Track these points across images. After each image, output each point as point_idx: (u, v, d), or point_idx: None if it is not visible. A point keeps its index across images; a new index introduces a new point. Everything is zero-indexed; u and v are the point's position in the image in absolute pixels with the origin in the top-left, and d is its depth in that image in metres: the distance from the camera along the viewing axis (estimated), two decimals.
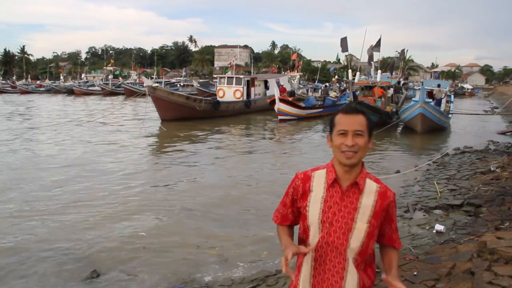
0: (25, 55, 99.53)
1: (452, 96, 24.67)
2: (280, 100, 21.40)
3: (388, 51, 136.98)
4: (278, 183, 8.72)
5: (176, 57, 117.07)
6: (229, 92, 26.05)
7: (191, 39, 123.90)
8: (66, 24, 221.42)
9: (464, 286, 3.39)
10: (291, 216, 1.89)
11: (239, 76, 28.15)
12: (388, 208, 1.77)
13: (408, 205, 6.79)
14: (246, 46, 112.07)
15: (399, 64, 35.40)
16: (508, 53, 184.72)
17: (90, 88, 56.40)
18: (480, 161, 10.26)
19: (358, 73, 26.39)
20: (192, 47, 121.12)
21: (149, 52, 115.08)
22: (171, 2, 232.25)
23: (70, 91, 54.63)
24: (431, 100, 18.30)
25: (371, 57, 23.32)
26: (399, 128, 19.06)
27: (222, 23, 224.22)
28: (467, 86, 71.44)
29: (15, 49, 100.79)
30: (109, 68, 79.17)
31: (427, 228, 5.63)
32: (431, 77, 74.67)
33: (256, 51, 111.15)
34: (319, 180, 1.80)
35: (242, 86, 26.05)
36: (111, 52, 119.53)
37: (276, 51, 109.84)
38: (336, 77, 54.67)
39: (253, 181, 9.20)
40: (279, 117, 21.41)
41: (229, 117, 23.45)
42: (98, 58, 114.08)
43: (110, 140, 14.96)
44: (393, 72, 27.57)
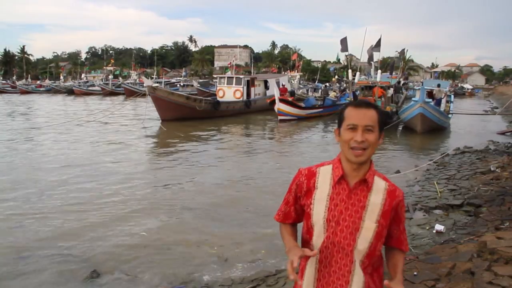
0: (25, 55, 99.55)
1: (452, 96, 24.67)
2: (280, 100, 21.40)
3: (388, 51, 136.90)
4: (278, 183, 8.73)
5: (176, 57, 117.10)
6: (229, 92, 26.05)
7: (191, 39, 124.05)
8: (66, 24, 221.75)
9: (464, 286, 3.39)
10: (294, 214, 1.80)
11: (239, 76, 28.15)
12: (397, 208, 1.69)
13: (408, 205, 6.78)
14: (246, 46, 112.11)
15: (399, 64, 35.36)
16: (508, 53, 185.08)
17: (90, 88, 56.36)
18: (480, 161, 10.26)
19: (358, 73, 26.41)
20: (192, 47, 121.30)
21: (149, 52, 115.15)
22: (171, 2, 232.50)
23: (70, 91, 54.63)
24: (431, 100, 18.30)
25: (371, 57, 23.34)
26: (399, 128, 19.06)
27: (222, 23, 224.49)
28: (467, 86, 71.45)
29: (15, 49, 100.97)
30: (109, 68, 79.16)
31: (427, 228, 5.63)
32: (431, 77, 74.66)
33: (256, 51, 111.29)
34: (325, 176, 1.70)
35: (242, 86, 26.06)
36: (111, 52, 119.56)
37: (276, 51, 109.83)
38: (336, 77, 54.77)
39: (253, 181, 9.20)
40: (279, 117, 21.41)
41: (229, 117, 23.45)
42: (98, 58, 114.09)
43: (110, 140, 14.95)
44: (393, 72, 27.55)
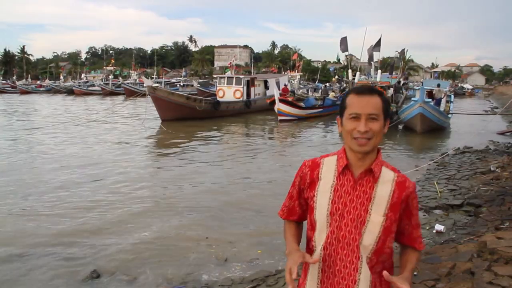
0: (25, 55, 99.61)
1: (452, 96, 24.66)
2: (280, 100, 21.41)
3: (388, 51, 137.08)
4: (278, 182, 8.74)
5: (176, 57, 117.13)
6: (229, 92, 26.06)
7: (191, 39, 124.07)
8: (66, 24, 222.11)
9: (464, 286, 3.39)
10: (299, 209, 1.69)
11: (239, 76, 28.15)
12: (407, 200, 1.55)
13: None
14: (246, 46, 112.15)
15: (399, 64, 35.36)
16: (508, 53, 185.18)
17: (90, 88, 56.38)
18: (480, 161, 10.26)
19: (358, 73, 26.43)
20: (192, 47, 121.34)
21: (149, 52, 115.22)
22: (171, 2, 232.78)
23: (70, 91, 54.66)
24: (431, 100, 18.30)
25: (371, 57, 23.39)
26: (399, 128, 19.06)
27: (222, 23, 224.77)
28: (467, 86, 71.48)
29: (15, 49, 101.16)
30: (109, 68, 79.17)
31: (427, 228, 5.63)
32: (431, 77, 74.67)
33: (256, 51, 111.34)
34: (329, 167, 1.60)
35: (242, 86, 26.06)
36: (111, 52, 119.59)
37: (276, 51, 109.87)
38: (336, 77, 54.74)
39: (253, 181, 9.20)
40: (279, 118, 21.42)
41: (229, 117, 23.46)
42: (98, 58, 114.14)
43: (110, 140, 14.95)
44: (393, 72, 27.58)
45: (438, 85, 23.19)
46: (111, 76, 66.47)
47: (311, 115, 23.13)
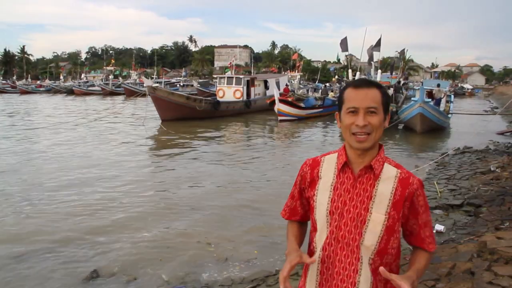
0: (25, 55, 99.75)
1: (452, 96, 24.65)
2: (280, 100, 21.41)
3: (388, 51, 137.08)
4: (278, 182, 8.74)
5: (176, 57, 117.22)
6: (229, 92, 26.06)
7: (191, 39, 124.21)
8: (66, 24, 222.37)
9: (464, 286, 3.39)
10: (300, 209, 1.65)
11: (239, 76, 28.15)
12: (412, 198, 1.46)
13: None
14: (246, 46, 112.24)
15: (399, 64, 35.32)
16: (508, 53, 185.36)
17: (90, 88, 56.43)
18: (480, 161, 10.25)
19: (358, 73, 26.37)
20: (192, 47, 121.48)
21: (149, 52, 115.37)
22: (171, 2, 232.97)
23: (70, 91, 54.70)
24: (431, 100, 18.30)
25: (371, 57, 23.35)
26: (399, 128, 19.06)
27: (222, 23, 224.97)
28: (467, 86, 71.51)
29: (15, 49, 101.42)
30: (109, 68, 79.19)
31: None
32: (431, 77, 74.67)
33: (256, 51, 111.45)
34: (330, 165, 1.55)
35: (242, 86, 26.07)
36: (111, 52, 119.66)
37: (276, 51, 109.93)
38: (336, 77, 54.67)
39: (253, 181, 9.19)
40: (279, 118, 21.42)
41: (229, 117, 23.46)
42: (98, 58, 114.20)
43: (110, 140, 14.95)
44: (393, 72, 27.57)
45: (438, 85, 23.19)
46: (111, 76, 66.46)
47: (311, 115, 23.13)
